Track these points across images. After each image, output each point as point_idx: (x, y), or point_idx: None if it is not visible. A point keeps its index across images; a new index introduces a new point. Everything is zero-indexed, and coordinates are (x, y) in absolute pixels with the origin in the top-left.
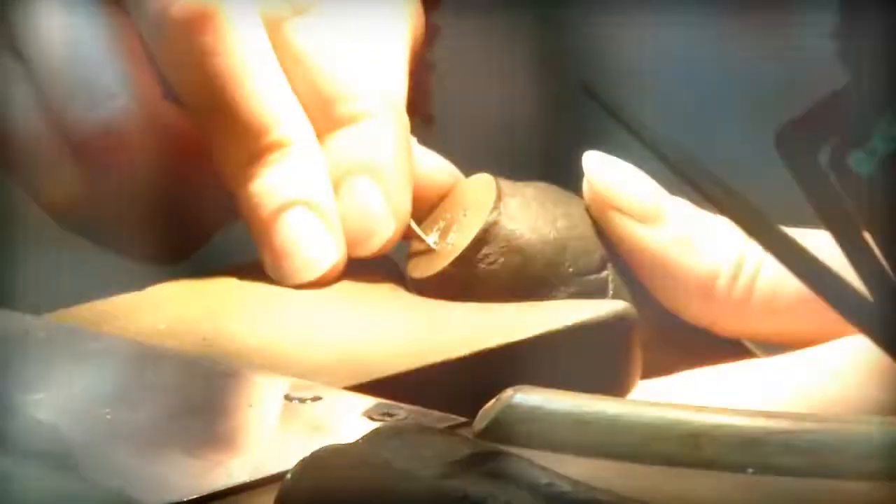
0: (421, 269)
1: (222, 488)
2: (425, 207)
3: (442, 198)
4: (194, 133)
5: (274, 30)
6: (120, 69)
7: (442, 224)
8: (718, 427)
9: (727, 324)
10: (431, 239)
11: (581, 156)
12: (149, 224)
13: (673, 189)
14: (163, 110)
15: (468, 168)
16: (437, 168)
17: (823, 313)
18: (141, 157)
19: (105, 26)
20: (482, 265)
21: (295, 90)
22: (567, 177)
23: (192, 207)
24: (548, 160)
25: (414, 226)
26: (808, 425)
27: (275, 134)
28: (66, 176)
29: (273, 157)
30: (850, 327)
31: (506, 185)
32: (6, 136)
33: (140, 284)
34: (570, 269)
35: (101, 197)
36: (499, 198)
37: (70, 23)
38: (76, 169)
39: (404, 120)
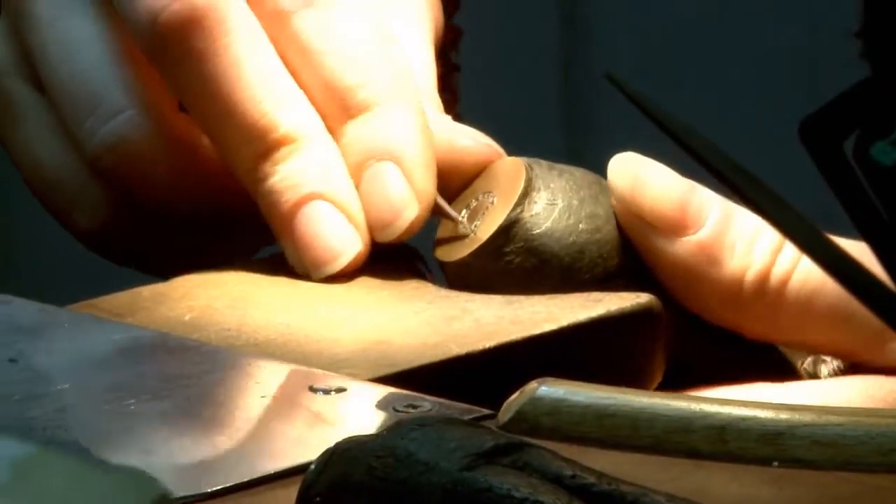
0: (445, 252)
1: (246, 479)
2: (459, 182)
3: (479, 172)
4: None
5: (284, 22)
6: (128, 82)
7: (473, 203)
8: (743, 420)
9: (755, 330)
10: (459, 216)
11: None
12: (176, 246)
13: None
14: (178, 122)
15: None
16: (471, 143)
17: (855, 324)
18: (157, 170)
19: (113, 40)
20: (500, 262)
21: (307, 82)
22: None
23: (221, 227)
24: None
25: (441, 201)
26: (833, 418)
27: (282, 129)
28: (91, 201)
29: (283, 153)
30: (879, 345)
31: (538, 172)
32: (34, 165)
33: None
34: (587, 276)
35: (127, 219)
36: (525, 193)
37: (78, 40)
38: (101, 193)
39: (419, 102)
